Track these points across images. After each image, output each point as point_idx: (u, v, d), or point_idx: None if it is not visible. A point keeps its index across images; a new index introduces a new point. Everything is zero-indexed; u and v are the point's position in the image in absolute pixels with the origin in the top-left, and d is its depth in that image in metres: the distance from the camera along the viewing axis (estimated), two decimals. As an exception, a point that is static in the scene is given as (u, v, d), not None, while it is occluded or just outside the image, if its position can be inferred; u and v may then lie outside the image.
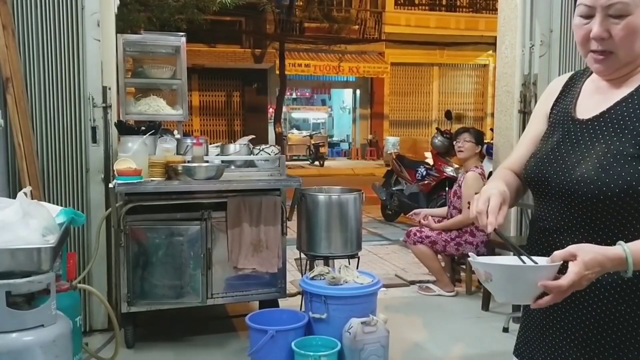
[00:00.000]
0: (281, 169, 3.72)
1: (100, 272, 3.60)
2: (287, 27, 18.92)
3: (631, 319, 1.23)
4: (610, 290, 1.24)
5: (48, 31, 3.40)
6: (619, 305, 1.23)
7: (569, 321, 1.30)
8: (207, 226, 3.38)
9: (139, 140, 3.45)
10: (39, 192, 3.24)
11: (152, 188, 3.26)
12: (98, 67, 3.52)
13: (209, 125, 19.74)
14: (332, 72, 19.22)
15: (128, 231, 3.28)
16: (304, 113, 23.97)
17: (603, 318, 1.25)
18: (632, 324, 1.23)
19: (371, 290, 3.06)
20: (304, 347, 2.85)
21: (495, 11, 4.95)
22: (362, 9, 20.31)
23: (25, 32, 3.36)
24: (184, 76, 4.09)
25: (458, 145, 4.53)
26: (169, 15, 11.15)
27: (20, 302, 1.96)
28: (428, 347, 3.52)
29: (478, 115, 21.14)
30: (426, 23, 19.83)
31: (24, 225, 2.04)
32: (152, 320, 3.67)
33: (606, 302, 1.24)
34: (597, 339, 1.26)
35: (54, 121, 3.45)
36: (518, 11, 4.30)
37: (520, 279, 1.11)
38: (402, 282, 4.90)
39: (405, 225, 7.35)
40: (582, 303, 1.27)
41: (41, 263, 2.00)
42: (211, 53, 18.36)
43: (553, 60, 4.23)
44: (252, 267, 3.44)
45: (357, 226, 3.65)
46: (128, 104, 3.98)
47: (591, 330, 1.27)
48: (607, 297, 1.24)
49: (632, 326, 1.23)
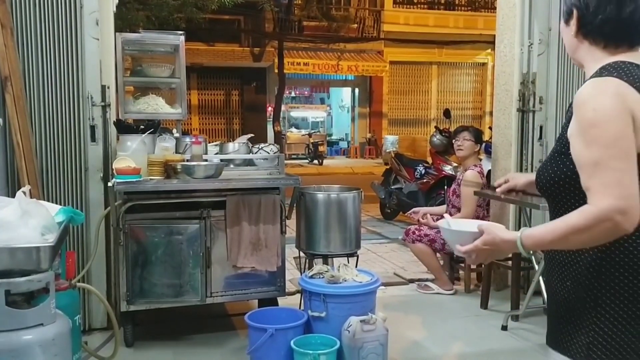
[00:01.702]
0: (280, 167, 3.72)
1: (100, 271, 3.60)
2: (286, 25, 18.91)
3: (574, 293, 1.43)
4: (562, 268, 1.47)
5: (47, 30, 3.39)
6: (567, 281, 1.45)
7: (549, 297, 1.59)
8: (206, 225, 3.39)
9: (138, 139, 3.45)
10: (37, 191, 3.24)
11: (151, 187, 3.26)
12: (97, 66, 3.52)
13: (208, 124, 19.73)
14: (331, 70, 19.21)
15: (127, 230, 3.27)
16: (303, 112, 23.96)
17: (559, 292, 1.49)
18: (577, 297, 1.43)
19: (370, 289, 3.06)
20: (303, 346, 2.85)
21: (493, 10, 4.96)
22: (361, 7, 20.30)
23: (24, 30, 3.36)
24: (183, 75, 4.08)
25: (457, 143, 4.53)
26: (168, 13, 11.15)
27: (19, 301, 1.96)
28: (427, 345, 3.52)
29: (476, 114, 21.15)
30: (425, 22, 19.82)
31: (23, 224, 2.04)
32: (152, 319, 3.67)
33: (560, 278, 1.48)
34: (557, 309, 1.50)
35: (53, 120, 3.45)
36: (517, 10, 4.30)
37: (451, 239, 1.62)
38: (401, 281, 4.90)
39: (404, 223, 7.36)
40: (551, 281, 1.53)
41: (40, 262, 1.99)
42: (210, 52, 18.34)
43: (552, 59, 4.24)
44: (251, 266, 3.44)
45: (356, 225, 3.66)
46: (127, 103, 3.97)
47: (555, 302, 1.52)
48: (561, 274, 1.48)
49: (578, 298, 1.43)
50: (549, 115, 4.28)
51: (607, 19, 1.42)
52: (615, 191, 1.27)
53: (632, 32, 1.44)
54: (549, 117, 4.28)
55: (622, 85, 1.34)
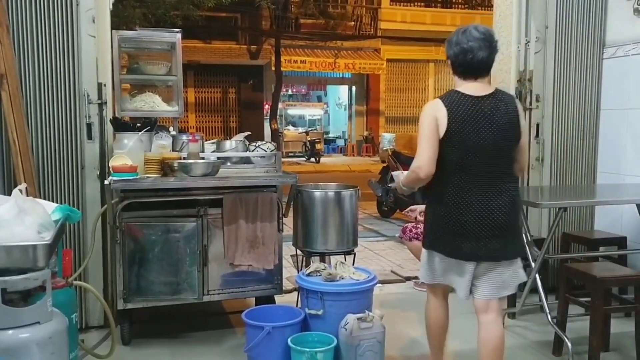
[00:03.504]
0: (277, 165, 3.72)
1: (96, 269, 3.59)
2: (283, 23, 18.89)
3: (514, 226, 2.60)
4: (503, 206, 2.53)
5: (43, 27, 3.38)
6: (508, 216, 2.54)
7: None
8: (203, 223, 3.38)
9: (134, 137, 3.45)
10: (34, 188, 3.23)
11: (147, 185, 3.26)
12: (93, 64, 3.51)
13: (205, 122, 19.70)
14: (328, 68, 19.21)
15: (124, 228, 3.27)
16: (300, 109, 23.93)
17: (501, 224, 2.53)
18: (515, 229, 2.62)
19: (367, 287, 3.07)
20: (300, 343, 2.85)
21: (490, 7, 4.96)
22: (358, 5, 20.29)
23: (20, 28, 3.35)
24: (180, 72, 4.08)
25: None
26: (165, 11, 11.14)
27: (16, 299, 1.96)
28: (424, 342, 3.51)
29: (474, 112, 21.15)
30: (422, 19, 19.82)
31: (19, 222, 2.04)
32: (149, 316, 3.67)
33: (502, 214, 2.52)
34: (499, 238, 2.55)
35: (49, 118, 3.44)
36: (513, 7, 4.31)
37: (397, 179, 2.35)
38: (398, 278, 4.91)
39: (401, 221, 7.36)
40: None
41: (37, 260, 1.99)
42: (207, 49, 18.31)
43: (548, 57, 4.24)
44: (248, 264, 3.44)
45: (353, 222, 3.66)
46: (123, 101, 3.97)
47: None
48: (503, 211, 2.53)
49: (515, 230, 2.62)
50: (545, 113, 4.29)
51: (460, 64, 2.55)
52: (418, 157, 2.52)
53: (472, 71, 2.54)
54: (546, 115, 4.29)
55: (438, 102, 2.54)
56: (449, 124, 2.46)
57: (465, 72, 2.54)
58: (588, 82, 4.36)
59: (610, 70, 4.34)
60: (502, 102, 2.54)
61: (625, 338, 3.44)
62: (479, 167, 2.49)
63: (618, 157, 4.30)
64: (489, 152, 2.49)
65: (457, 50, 2.51)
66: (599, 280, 3.07)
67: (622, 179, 4.25)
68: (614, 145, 4.32)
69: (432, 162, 2.47)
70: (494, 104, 2.51)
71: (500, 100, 2.54)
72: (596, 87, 4.39)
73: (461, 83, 2.56)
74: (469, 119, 2.47)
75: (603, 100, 4.41)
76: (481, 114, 2.48)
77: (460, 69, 2.55)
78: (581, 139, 4.39)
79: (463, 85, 2.55)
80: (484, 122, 2.48)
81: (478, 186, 2.50)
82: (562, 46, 4.25)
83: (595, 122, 4.42)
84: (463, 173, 2.50)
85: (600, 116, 4.42)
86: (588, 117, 4.39)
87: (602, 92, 4.41)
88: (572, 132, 4.36)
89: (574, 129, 4.37)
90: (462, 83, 2.56)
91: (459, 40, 2.51)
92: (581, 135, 4.39)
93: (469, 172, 2.49)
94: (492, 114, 2.49)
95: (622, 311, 3.76)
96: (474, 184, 2.50)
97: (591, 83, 4.37)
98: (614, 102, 4.33)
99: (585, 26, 4.30)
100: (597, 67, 4.37)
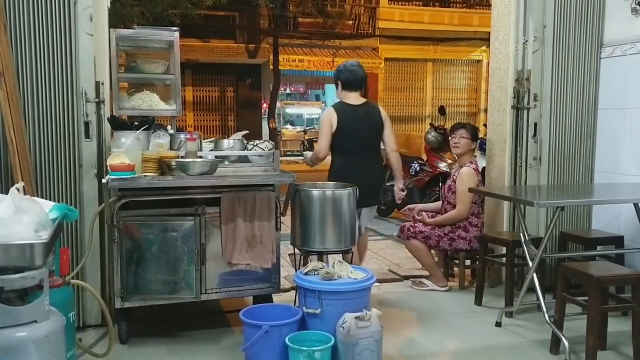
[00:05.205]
0: (275, 164, 3.72)
1: (94, 268, 3.59)
2: (281, 22, 18.86)
3: None
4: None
5: (40, 25, 3.38)
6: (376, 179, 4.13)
7: None
8: (201, 222, 3.38)
9: (132, 136, 3.44)
10: (31, 187, 3.23)
11: (145, 183, 3.25)
12: (91, 62, 3.51)
13: (203, 121, 19.65)
14: (326, 67, 19.14)
15: (121, 227, 3.27)
16: (298, 108, 23.93)
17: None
18: None
19: (365, 285, 3.07)
20: (298, 342, 2.85)
21: (489, 7, 4.96)
22: (356, 4, 20.27)
23: (17, 26, 3.34)
24: (178, 71, 4.07)
25: (454, 140, 4.54)
26: (163, 9, 11.11)
27: (13, 297, 1.95)
28: (421, 341, 3.53)
29: (471, 111, 21.15)
30: (420, 18, 19.80)
31: (16, 221, 2.03)
32: (146, 315, 3.67)
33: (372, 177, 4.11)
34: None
35: (47, 116, 3.43)
36: (511, 7, 4.31)
37: None
38: (395, 277, 4.91)
39: (398, 220, 7.37)
40: None
41: (34, 259, 1.99)
42: (205, 48, 18.27)
43: (546, 56, 4.25)
44: (246, 263, 3.44)
45: (351, 221, 3.66)
46: (121, 99, 3.96)
47: None
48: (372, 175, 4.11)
49: None
50: (543, 112, 4.30)
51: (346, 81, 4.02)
52: (319, 145, 3.97)
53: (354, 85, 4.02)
54: (544, 114, 4.30)
55: (332, 109, 3.99)
56: (338, 123, 3.91)
57: (351, 87, 4.02)
58: (586, 81, 4.37)
59: (608, 69, 4.35)
60: (370, 107, 4.08)
61: (622, 337, 3.45)
62: (357, 149, 3.96)
63: (615, 156, 4.31)
64: (363, 140, 3.97)
65: (348, 74, 4.01)
66: (596, 279, 3.08)
67: (619, 178, 4.26)
68: (612, 145, 4.33)
69: (327, 148, 3.96)
70: (365, 109, 4.01)
71: (369, 106, 4.08)
72: (594, 87, 4.40)
73: (345, 95, 4.01)
74: (351, 119, 3.93)
75: (601, 100, 4.42)
76: (358, 116, 3.96)
77: (348, 85, 4.01)
78: (579, 139, 4.40)
79: (347, 98, 4.01)
80: (359, 121, 3.95)
81: (358, 161, 3.96)
82: (560, 45, 4.25)
83: (592, 121, 4.42)
84: (348, 152, 3.96)
85: (598, 115, 4.43)
86: (586, 117, 4.40)
87: (600, 92, 4.41)
88: (570, 131, 4.37)
89: (572, 128, 4.37)
90: (347, 95, 4.01)
91: (347, 68, 4.04)
92: (579, 135, 4.40)
93: (352, 152, 3.96)
94: (364, 115, 3.98)
95: (619, 310, 3.77)
96: (355, 160, 3.96)
97: (589, 82, 4.38)
98: (612, 102, 4.34)
99: (583, 26, 4.30)
100: (594, 67, 4.38)
